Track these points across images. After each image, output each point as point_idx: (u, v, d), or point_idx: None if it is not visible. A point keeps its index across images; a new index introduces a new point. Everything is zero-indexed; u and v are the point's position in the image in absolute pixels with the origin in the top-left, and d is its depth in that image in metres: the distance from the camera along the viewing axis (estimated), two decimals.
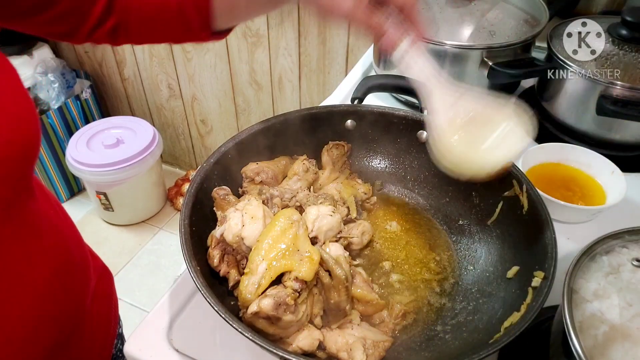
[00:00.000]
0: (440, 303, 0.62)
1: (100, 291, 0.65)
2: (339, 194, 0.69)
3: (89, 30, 0.58)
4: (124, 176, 1.90)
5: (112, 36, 0.60)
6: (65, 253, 0.54)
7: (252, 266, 0.53)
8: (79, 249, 0.59)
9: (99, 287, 0.65)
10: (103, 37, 0.60)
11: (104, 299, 0.67)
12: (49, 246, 0.51)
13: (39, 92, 2.01)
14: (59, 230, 0.54)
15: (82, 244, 0.62)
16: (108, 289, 0.69)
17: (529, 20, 0.91)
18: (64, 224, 0.57)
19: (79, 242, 0.61)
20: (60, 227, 0.55)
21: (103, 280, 0.68)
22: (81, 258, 0.59)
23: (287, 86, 1.79)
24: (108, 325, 0.67)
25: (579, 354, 0.42)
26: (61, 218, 0.57)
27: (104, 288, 0.67)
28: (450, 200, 0.72)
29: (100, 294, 0.65)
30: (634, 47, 0.82)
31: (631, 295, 0.48)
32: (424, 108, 0.67)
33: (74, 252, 0.57)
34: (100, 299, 0.65)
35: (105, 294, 0.67)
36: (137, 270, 1.98)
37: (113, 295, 0.71)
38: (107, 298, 0.68)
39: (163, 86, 2.07)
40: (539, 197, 0.60)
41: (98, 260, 0.69)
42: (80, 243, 0.61)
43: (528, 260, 0.57)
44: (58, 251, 0.53)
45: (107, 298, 0.68)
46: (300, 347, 0.52)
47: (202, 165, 0.64)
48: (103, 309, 0.66)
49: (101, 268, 0.69)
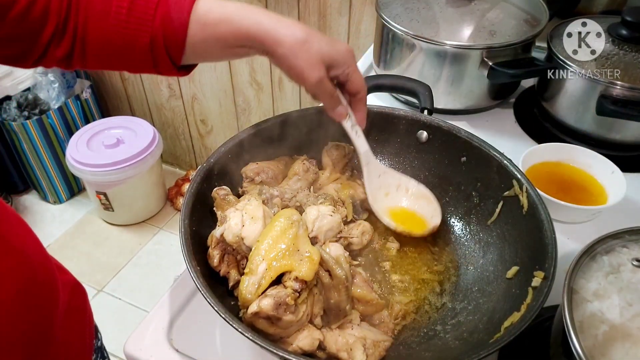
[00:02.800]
0: (441, 303, 0.62)
1: (72, 305, 0.64)
2: (337, 194, 0.69)
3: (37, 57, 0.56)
4: (124, 176, 1.89)
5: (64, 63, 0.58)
6: (28, 272, 0.53)
7: (252, 266, 0.53)
8: (43, 266, 0.57)
9: (71, 302, 0.64)
10: (53, 64, 0.58)
11: (77, 313, 0.65)
12: (10, 268, 0.50)
13: (39, 92, 2.01)
14: (21, 251, 0.53)
15: (47, 261, 0.59)
16: (81, 303, 0.68)
17: (529, 20, 0.91)
18: (26, 243, 0.55)
19: (44, 259, 0.59)
20: (22, 247, 0.54)
21: (75, 294, 0.66)
22: (47, 275, 0.57)
23: (287, 86, 1.79)
24: (83, 339, 0.66)
25: (579, 354, 0.42)
26: (22, 237, 0.55)
27: (76, 302, 0.65)
28: (450, 200, 0.72)
29: (72, 308, 0.63)
30: (634, 47, 0.82)
31: (631, 295, 0.48)
32: (422, 108, 0.72)
33: (38, 270, 0.55)
34: (72, 314, 0.63)
35: (78, 308, 0.66)
36: (137, 270, 1.98)
37: (87, 309, 0.69)
38: (81, 312, 0.66)
39: (163, 86, 2.07)
40: (539, 197, 0.60)
41: (68, 274, 0.68)
42: (46, 260, 0.59)
43: (528, 260, 0.57)
44: (20, 272, 0.51)
45: (81, 312, 0.66)
46: (300, 347, 0.52)
47: (202, 165, 0.64)
48: (76, 324, 0.64)
49: (72, 282, 0.67)
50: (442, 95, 0.93)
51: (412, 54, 0.92)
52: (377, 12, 0.95)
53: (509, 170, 0.64)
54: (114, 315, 1.80)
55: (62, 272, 0.65)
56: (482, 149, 0.67)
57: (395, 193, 0.70)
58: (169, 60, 0.57)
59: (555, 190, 0.74)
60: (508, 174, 0.64)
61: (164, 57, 0.57)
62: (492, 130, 0.93)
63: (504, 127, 0.95)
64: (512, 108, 0.99)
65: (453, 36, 0.88)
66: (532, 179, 0.63)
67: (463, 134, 0.69)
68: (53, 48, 0.56)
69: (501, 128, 0.94)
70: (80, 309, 0.67)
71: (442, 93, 0.93)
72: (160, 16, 0.54)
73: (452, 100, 0.94)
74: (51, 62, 0.57)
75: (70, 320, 0.62)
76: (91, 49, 0.56)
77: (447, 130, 0.70)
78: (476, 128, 0.93)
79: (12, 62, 0.57)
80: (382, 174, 0.69)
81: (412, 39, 0.89)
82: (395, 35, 0.92)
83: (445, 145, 0.71)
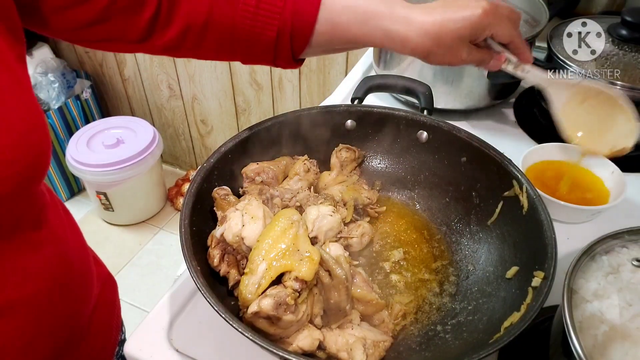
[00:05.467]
0: (440, 303, 0.62)
1: (103, 299, 0.64)
2: (341, 196, 0.69)
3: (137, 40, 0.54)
4: (124, 176, 1.90)
5: (170, 51, 0.56)
6: (66, 264, 0.53)
7: (252, 266, 0.53)
8: (81, 257, 0.58)
9: (102, 295, 0.64)
10: (159, 51, 0.56)
11: (107, 307, 0.66)
12: (50, 257, 0.50)
13: (39, 92, 2.01)
14: (62, 241, 0.53)
15: (85, 252, 0.60)
16: (111, 296, 0.68)
17: (529, 20, 0.91)
18: (68, 233, 0.56)
19: (83, 251, 0.59)
20: (64, 237, 0.54)
21: (107, 287, 0.67)
22: (83, 267, 0.58)
23: (287, 86, 1.79)
24: (110, 332, 0.66)
25: (579, 354, 0.42)
26: (66, 226, 0.56)
27: (107, 295, 0.66)
28: (450, 200, 0.72)
29: (103, 301, 0.64)
30: (634, 47, 0.82)
31: (631, 295, 0.48)
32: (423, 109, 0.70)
33: (76, 262, 0.56)
34: (102, 307, 0.64)
35: (108, 301, 0.66)
36: (137, 270, 1.98)
37: (116, 302, 0.70)
38: (110, 305, 0.67)
39: (163, 86, 2.07)
40: (539, 197, 0.60)
41: (102, 267, 0.68)
42: (84, 251, 0.60)
43: (528, 260, 0.57)
44: (59, 262, 0.52)
45: (110, 305, 0.67)
46: (300, 347, 0.52)
47: (202, 165, 0.64)
48: (105, 317, 0.65)
49: (105, 275, 0.68)
50: (442, 95, 0.93)
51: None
52: None
53: (509, 170, 0.64)
54: None
55: (97, 264, 0.66)
56: (482, 149, 0.67)
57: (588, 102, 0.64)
58: (290, 54, 0.56)
59: (555, 190, 0.74)
60: (508, 174, 0.64)
61: (287, 51, 0.55)
62: (492, 130, 0.93)
63: (504, 127, 0.95)
64: (512, 108, 0.99)
65: None
66: (532, 179, 0.62)
67: (463, 134, 0.69)
68: (158, 34, 0.53)
69: (501, 128, 0.94)
70: (110, 301, 0.68)
71: (442, 93, 0.93)
72: (289, 9, 0.52)
73: (452, 100, 0.94)
74: (155, 48, 0.55)
75: (101, 312, 0.63)
76: (211, 39, 0.54)
77: (447, 130, 0.70)
78: (476, 128, 0.93)
79: (115, 47, 0.55)
80: (568, 87, 0.63)
81: None
82: None
83: (445, 145, 0.71)
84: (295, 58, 0.57)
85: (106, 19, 0.51)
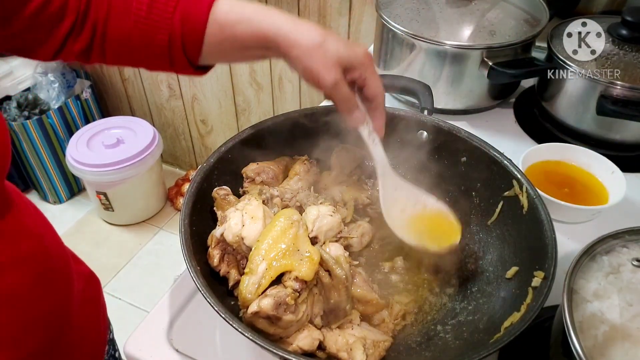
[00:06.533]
0: (441, 303, 0.62)
1: (87, 296, 0.65)
2: (341, 196, 0.69)
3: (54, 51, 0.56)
4: (124, 176, 1.89)
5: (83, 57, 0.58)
6: (45, 260, 0.54)
7: (252, 266, 0.53)
8: (59, 254, 0.59)
9: (86, 292, 0.65)
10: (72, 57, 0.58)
11: (91, 304, 0.66)
12: (28, 254, 0.51)
13: (39, 92, 2.01)
14: (38, 238, 0.54)
15: (63, 250, 0.61)
16: (95, 293, 0.69)
17: (529, 20, 0.91)
18: (43, 231, 0.57)
19: (60, 249, 0.60)
20: (39, 235, 0.55)
21: (90, 285, 0.67)
22: (62, 262, 0.59)
23: (287, 86, 1.79)
24: (97, 330, 0.67)
25: (579, 354, 0.42)
26: (40, 225, 0.57)
27: (91, 293, 0.67)
28: (450, 200, 0.72)
29: (86, 298, 0.64)
30: (634, 47, 0.82)
31: (631, 295, 0.48)
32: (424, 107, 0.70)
33: (54, 258, 0.57)
34: (87, 304, 0.64)
35: (92, 298, 0.67)
36: (137, 270, 1.98)
37: (100, 300, 0.70)
38: (95, 302, 0.67)
39: (163, 86, 2.07)
40: (539, 197, 0.60)
41: (82, 265, 0.69)
42: (62, 249, 0.60)
43: (528, 260, 0.57)
44: (38, 259, 0.52)
45: (95, 302, 0.67)
46: (300, 347, 0.52)
47: (202, 165, 0.64)
48: (91, 314, 0.65)
49: (87, 273, 0.68)
50: (442, 95, 0.93)
51: (412, 54, 0.92)
52: (377, 12, 0.95)
53: (509, 170, 0.64)
54: (114, 315, 1.79)
55: (77, 262, 0.67)
56: (482, 149, 0.67)
57: (412, 209, 0.64)
58: (185, 59, 0.57)
59: (555, 190, 0.74)
60: (508, 174, 0.64)
61: (181, 56, 0.57)
62: (492, 130, 0.93)
63: (504, 127, 0.95)
64: (512, 108, 0.99)
65: (453, 36, 0.88)
66: (532, 179, 0.62)
67: (463, 134, 0.69)
68: (71, 42, 0.56)
69: (501, 128, 0.94)
70: (94, 299, 0.68)
71: (442, 93, 0.93)
72: (179, 14, 0.54)
73: (452, 100, 0.94)
74: (70, 55, 0.57)
75: (85, 310, 0.63)
76: (110, 45, 0.57)
77: (447, 130, 0.70)
78: (476, 128, 0.93)
79: (30, 55, 0.57)
80: (398, 188, 0.64)
81: (412, 39, 0.89)
82: (395, 35, 0.92)
83: (445, 145, 0.71)
84: (194, 64, 0.58)
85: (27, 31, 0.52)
